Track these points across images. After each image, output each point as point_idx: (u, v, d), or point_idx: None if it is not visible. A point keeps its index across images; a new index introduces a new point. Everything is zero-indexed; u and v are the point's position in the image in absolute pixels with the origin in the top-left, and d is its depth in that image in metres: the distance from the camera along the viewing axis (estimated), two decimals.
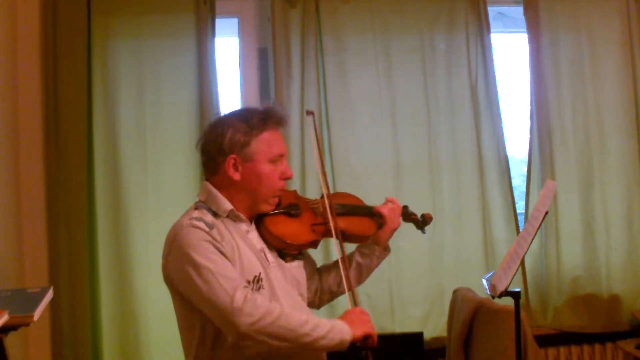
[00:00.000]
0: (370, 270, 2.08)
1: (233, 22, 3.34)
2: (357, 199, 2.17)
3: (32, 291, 1.78)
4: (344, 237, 1.99)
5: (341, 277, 2.03)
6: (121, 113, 3.06)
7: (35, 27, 3.00)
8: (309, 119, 2.06)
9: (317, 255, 2.22)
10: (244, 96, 3.30)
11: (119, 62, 3.07)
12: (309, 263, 2.06)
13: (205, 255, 1.67)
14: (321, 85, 3.22)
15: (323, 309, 2.17)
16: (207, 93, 3.08)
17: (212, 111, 3.06)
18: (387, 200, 2.12)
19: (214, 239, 1.71)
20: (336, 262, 2.08)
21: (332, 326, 1.69)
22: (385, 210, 2.07)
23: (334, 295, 2.08)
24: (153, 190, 3.07)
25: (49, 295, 1.76)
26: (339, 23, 3.25)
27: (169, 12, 3.10)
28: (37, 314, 1.59)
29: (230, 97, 3.34)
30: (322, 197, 2.03)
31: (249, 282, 1.74)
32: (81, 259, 2.96)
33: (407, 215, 2.19)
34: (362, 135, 3.25)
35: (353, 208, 2.09)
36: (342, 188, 3.14)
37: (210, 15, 3.11)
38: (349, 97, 3.26)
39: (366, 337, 1.74)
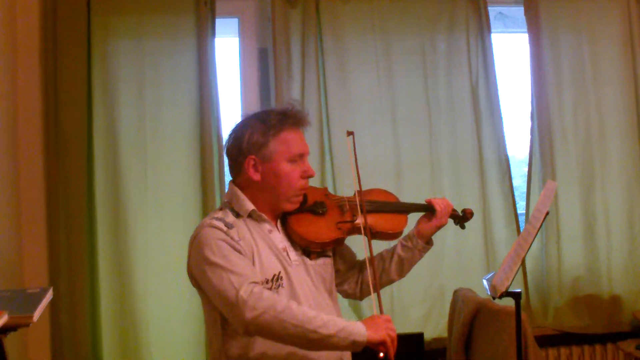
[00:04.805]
0: (412, 263, 2.10)
1: (233, 23, 3.33)
2: (392, 195, 2.18)
3: (32, 292, 1.77)
4: (372, 234, 1.98)
5: (382, 269, 2.07)
6: (121, 113, 3.06)
7: (35, 26, 2.99)
8: (348, 140, 2.05)
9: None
10: (244, 96, 3.30)
11: (119, 62, 3.07)
12: (348, 254, 2.10)
13: (219, 253, 1.74)
14: (321, 86, 3.21)
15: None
16: (207, 93, 3.08)
17: (212, 111, 3.06)
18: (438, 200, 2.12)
19: (232, 238, 1.78)
20: (379, 255, 2.11)
21: (344, 326, 1.68)
22: (437, 205, 2.09)
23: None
24: (153, 191, 3.06)
25: (49, 295, 1.75)
26: (339, 23, 3.24)
27: (169, 12, 3.10)
28: (36, 315, 1.58)
29: (230, 98, 3.33)
30: (354, 195, 2.04)
31: (267, 280, 1.79)
32: (81, 260, 2.95)
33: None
34: (362, 135, 3.24)
35: (383, 205, 2.09)
36: (342, 188, 3.13)
37: (210, 15, 3.10)
38: (349, 97, 3.25)
39: (382, 343, 1.71)
